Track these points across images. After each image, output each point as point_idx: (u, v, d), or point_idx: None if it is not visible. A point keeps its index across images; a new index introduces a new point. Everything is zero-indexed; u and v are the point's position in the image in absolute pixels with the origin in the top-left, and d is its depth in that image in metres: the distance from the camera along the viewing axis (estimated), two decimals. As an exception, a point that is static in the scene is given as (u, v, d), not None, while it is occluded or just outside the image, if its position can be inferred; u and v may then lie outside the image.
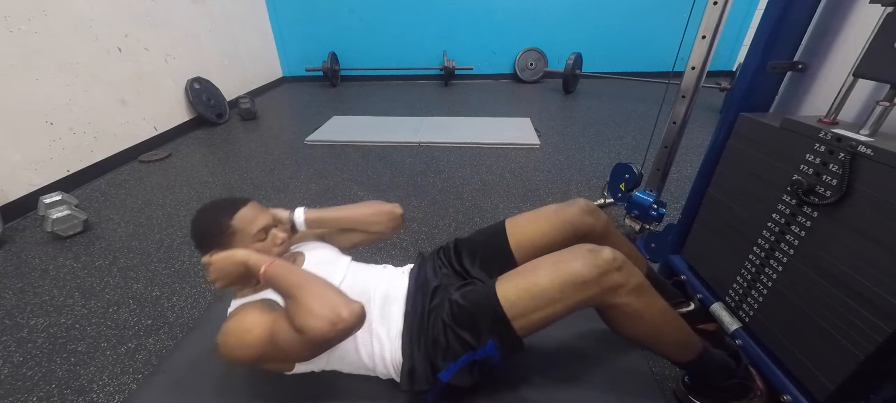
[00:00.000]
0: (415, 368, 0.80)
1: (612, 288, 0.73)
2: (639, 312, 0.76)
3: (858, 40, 0.78)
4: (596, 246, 0.76)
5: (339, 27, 4.63)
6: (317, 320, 0.64)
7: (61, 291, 1.47)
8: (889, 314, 0.68)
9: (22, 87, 1.99)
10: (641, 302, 0.76)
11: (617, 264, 0.73)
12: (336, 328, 0.63)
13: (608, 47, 4.56)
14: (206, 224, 0.82)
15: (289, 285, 0.70)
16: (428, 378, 0.79)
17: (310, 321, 0.64)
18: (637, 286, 0.75)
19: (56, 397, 1.08)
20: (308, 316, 0.64)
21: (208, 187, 2.27)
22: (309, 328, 0.64)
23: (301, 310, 0.65)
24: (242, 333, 0.73)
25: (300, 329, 0.65)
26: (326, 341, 0.66)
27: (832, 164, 0.76)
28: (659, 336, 0.81)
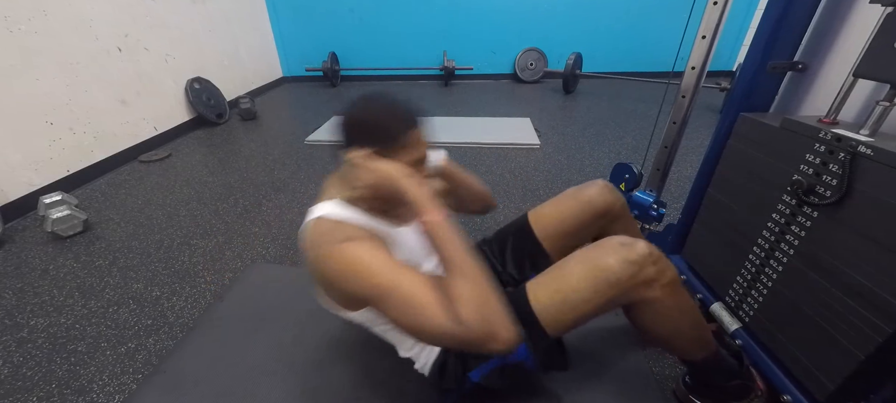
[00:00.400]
0: (447, 364, 0.78)
1: (646, 282, 0.71)
2: (669, 308, 0.75)
3: (858, 40, 0.78)
4: (628, 239, 0.74)
5: (339, 27, 4.62)
6: (479, 320, 0.55)
7: (61, 291, 1.47)
8: (889, 314, 0.68)
9: (22, 87, 1.99)
10: (673, 298, 0.75)
11: (653, 258, 0.71)
12: (490, 342, 0.56)
13: (608, 47, 4.56)
14: (383, 120, 0.68)
15: (461, 258, 0.60)
16: (457, 377, 0.78)
17: (471, 315, 0.55)
18: (671, 280, 0.74)
19: (56, 397, 1.08)
20: (471, 308, 0.56)
21: (208, 187, 2.27)
22: (466, 321, 0.55)
23: (466, 298, 0.56)
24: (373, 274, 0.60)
25: (457, 317, 0.55)
26: (470, 345, 0.57)
27: (832, 164, 0.76)
28: (680, 332, 0.80)
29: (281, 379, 0.99)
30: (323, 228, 0.67)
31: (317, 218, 0.70)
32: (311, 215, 0.72)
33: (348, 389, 0.96)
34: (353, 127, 0.68)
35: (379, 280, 0.60)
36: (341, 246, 0.63)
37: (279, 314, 1.20)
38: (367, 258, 0.61)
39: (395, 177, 0.65)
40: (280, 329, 1.14)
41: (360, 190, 0.68)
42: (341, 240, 0.64)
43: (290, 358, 1.05)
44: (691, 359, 0.87)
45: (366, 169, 0.66)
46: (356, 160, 0.67)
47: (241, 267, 1.57)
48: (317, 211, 0.72)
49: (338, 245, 0.63)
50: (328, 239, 0.65)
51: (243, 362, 1.05)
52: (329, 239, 0.64)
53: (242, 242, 1.74)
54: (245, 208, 2.03)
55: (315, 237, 0.67)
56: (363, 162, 0.66)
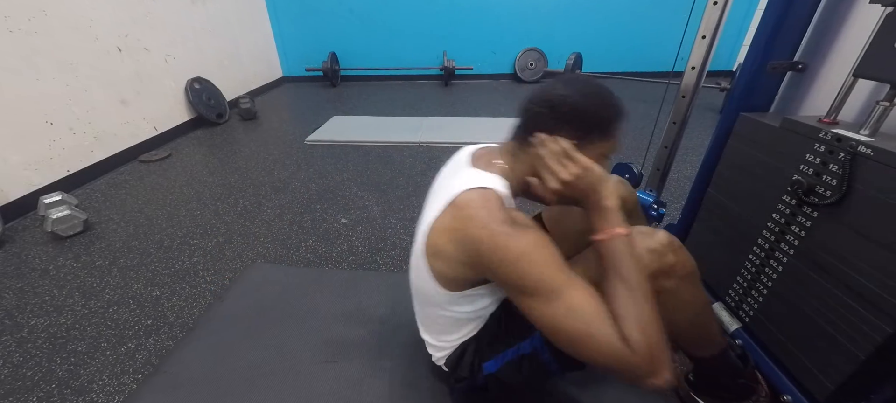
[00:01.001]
0: (465, 353, 0.77)
1: (665, 270, 0.70)
2: (685, 299, 0.74)
3: (858, 40, 0.78)
4: (648, 229, 0.72)
5: (339, 27, 4.62)
6: (645, 346, 0.51)
7: (61, 291, 1.47)
8: (889, 314, 0.68)
9: (22, 87, 1.99)
10: (689, 290, 0.74)
11: (673, 247, 0.70)
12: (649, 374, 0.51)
13: (608, 47, 4.56)
14: (597, 106, 0.61)
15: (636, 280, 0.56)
16: (472, 369, 0.77)
17: (638, 338, 0.51)
18: (689, 272, 0.73)
19: (56, 397, 1.08)
20: (636, 330, 0.51)
21: (208, 187, 2.27)
22: (632, 342, 0.51)
23: (633, 319, 0.52)
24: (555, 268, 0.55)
25: (624, 336, 0.51)
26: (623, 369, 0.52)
27: (832, 164, 0.76)
28: (693, 326, 0.80)
29: (281, 379, 0.99)
30: (493, 203, 0.60)
31: (486, 189, 0.62)
32: (475, 181, 0.64)
33: (349, 389, 0.96)
34: (560, 111, 0.61)
35: (555, 277, 0.55)
36: (517, 230, 0.57)
37: (279, 314, 1.20)
38: (544, 251, 0.56)
39: (600, 177, 0.59)
40: (280, 329, 1.14)
41: (554, 183, 0.60)
42: (514, 224, 0.57)
43: (290, 358, 1.05)
44: (700, 355, 0.87)
45: (574, 161, 0.59)
46: (562, 150, 0.60)
47: (241, 267, 1.57)
48: (479, 179, 0.64)
49: (513, 227, 0.57)
50: (500, 217, 0.58)
51: (243, 362, 1.04)
52: (502, 217, 0.58)
53: (242, 242, 1.74)
54: (245, 208, 2.03)
55: (483, 208, 0.59)
56: (572, 153, 0.60)
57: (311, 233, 1.80)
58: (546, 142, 0.61)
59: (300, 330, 1.13)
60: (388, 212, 1.96)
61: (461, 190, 0.62)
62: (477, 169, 0.68)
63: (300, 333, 1.12)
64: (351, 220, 1.90)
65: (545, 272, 0.55)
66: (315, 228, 1.84)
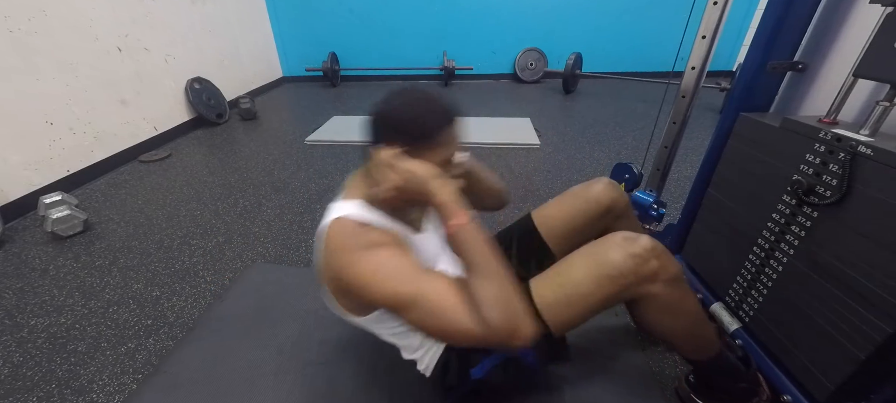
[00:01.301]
0: (450, 361, 0.78)
1: (648, 276, 0.71)
2: (671, 304, 0.75)
3: (858, 40, 0.78)
4: (632, 234, 0.74)
5: (339, 27, 4.62)
6: (503, 320, 0.56)
7: (61, 291, 1.47)
8: (889, 314, 0.68)
9: (22, 87, 1.99)
10: (675, 294, 0.75)
11: (656, 252, 0.72)
12: (513, 338, 0.57)
13: (608, 47, 4.56)
14: (416, 117, 0.64)
15: (485, 261, 0.60)
16: (459, 375, 0.78)
17: (495, 316, 0.56)
18: (674, 276, 0.74)
19: (56, 397, 1.08)
20: (496, 309, 0.56)
21: (208, 187, 2.27)
22: (490, 322, 0.55)
23: (490, 300, 0.57)
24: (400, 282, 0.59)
25: (483, 319, 0.56)
26: (496, 344, 0.58)
27: (832, 164, 0.76)
28: (684, 329, 0.80)
29: (281, 379, 0.99)
30: (345, 231, 0.64)
31: (337, 219, 0.66)
32: (331, 214, 0.68)
33: (349, 389, 0.96)
34: (386, 122, 0.65)
35: (405, 288, 0.59)
36: (365, 254, 0.61)
37: (279, 314, 1.20)
38: (392, 266, 0.60)
39: (425, 178, 0.62)
40: (280, 329, 1.14)
41: (385, 190, 0.64)
42: (365, 246, 0.62)
43: (290, 358, 1.05)
44: (694, 358, 0.87)
45: (395, 168, 0.63)
46: (386, 158, 0.63)
47: (241, 267, 1.57)
48: (337, 210, 0.68)
49: (361, 251, 0.61)
50: (350, 245, 0.62)
51: (243, 362, 1.05)
52: (351, 245, 0.62)
53: (242, 242, 1.74)
54: (245, 208, 2.03)
55: (337, 240, 0.64)
56: (393, 160, 0.63)
57: (311, 233, 1.80)
58: (373, 154, 0.66)
59: (300, 330, 1.13)
60: (388, 212, 1.95)
61: (322, 226, 0.68)
62: (340, 199, 0.72)
63: (300, 333, 1.12)
64: (351, 220, 1.89)
65: (398, 286, 0.59)
66: (315, 228, 1.83)
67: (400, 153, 0.63)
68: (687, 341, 0.83)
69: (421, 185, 0.63)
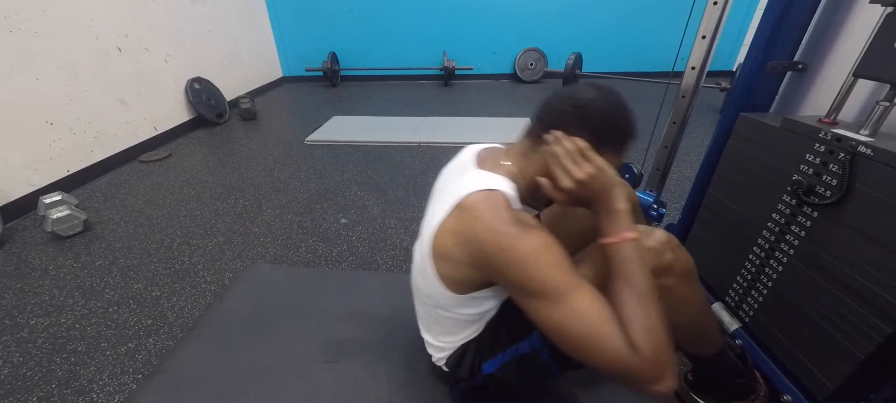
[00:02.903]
0: (465, 355, 0.78)
1: (663, 268, 0.70)
2: (682, 298, 0.74)
3: (858, 40, 0.78)
4: (647, 228, 0.73)
5: (339, 27, 4.62)
6: (651, 352, 0.50)
7: (61, 291, 1.47)
8: (889, 314, 0.68)
9: (22, 87, 1.99)
10: (687, 288, 0.74)
11: (671, 245, 0.71)
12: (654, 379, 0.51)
13: (608, 47, 4.56)
14: (621, 119, 0.62)
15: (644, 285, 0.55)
16: (471, 369, 0.77)
17: (644, 343, 0.50)
18: (687, 270, 0.73)
19: (56, 397, 1.08)
20: (645, 336, 0.51)
21: (208, 187, 2.27)
22: (639, 347, 0.50)
23: (640, 324, 0.52)
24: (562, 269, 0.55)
25: (630, 341, 0.51)
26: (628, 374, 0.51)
27: (832, 164, 0.76)
28: (692, 325, 0.80)
29: (281, 379, 0.99)
30: (500, 204, 0.59)
31: (493, 191, 0.61)
32: (481, 183, 0.63)
33: (349, 389, 0.96)
34: (584, 114, 0.60)
35: (561, 279, 0.54)
36: (529, 231, 0.56)
37: (279, 314, 1.20)
38: (554, 253, 0.56)
39: (614, 180, 0.59)
40: (280, 329, 1.14)
41: (569, 181, 0.59)
42: (525, 225, 0.57)
43: (290, 358, 1.04)
44: (699, 354, 0.87)
45: (589, 161, 0.59)
46: (578, 148, 0.59)
47: (241, 267, 1.57)
48: (489, 181, 0.63)
49: (522, 227, 0.56)
50: (508, 218, 0.57)
51: (243, 362, 1.04)
52: (510, 218, 0.57)
53: (242, 242, 1.74)
54: (245, 208, 2.03)
55: (491, 209, 0.59)
56: (588, 153, 0.59)
57: (311, 233, 1.80)
58: (562, 140, 0.60)
59: (300, 330, 1.13)
60: (388, 212, 1.96)
61: (467, 192, 0.62)
62: (483, 170, 0.67)
63: (300, 333, 1.12)
64: (351, 220, 1.90)
65: (551, 274, 0.54)
66: (315, 228, 1.84)
67: (588, 145, 0.59)
68: (692, 336, 0.83)
69: (607, 186, 0.59)
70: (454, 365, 0.79)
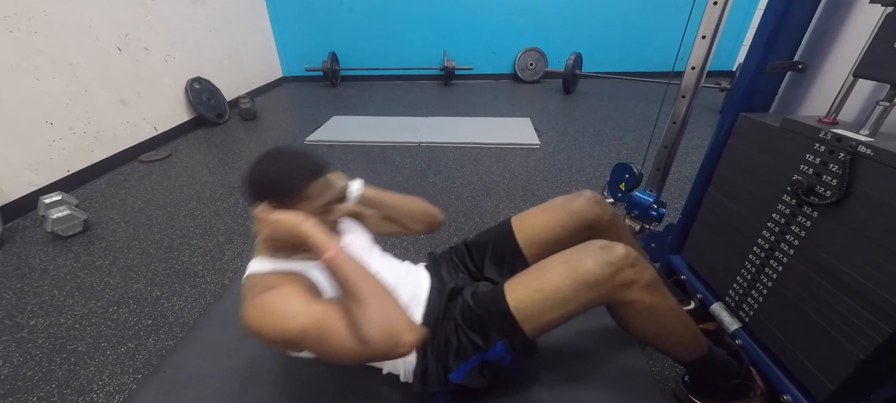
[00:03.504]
0: (427, 369, 0.79)
1: (625, 284, 0.72)
2: (650, 309, 0.75)
3: (858, 40, 0.78)
4: (608, 243, 0.75)
5: (339, 27, 4.63)
6: (381, 336, 0.61)
7: (61, 291, 1.47)
8: (889, 314, 0.68)
9: (22, 87, 1.99)
10: (654, 299, 0.75)
11: (630, 260, 0.72)
12: (396, 350, 0.62)
13: (608, 47, 4.56)
14: (278, 177, 0.71)
15: (356, 285, 0.65)
16: (440, 379, 0.78)
17: (373, 334, 0.61)
18: (650, 282, 0.75)
19: (56, 397, 1.08)
20: (372, 327, 0.61)
21: (208, 187, 2.27)
22: (369, 341, 0.61)
23: (366, 320, 0.62)
24: (285, 319, 0.64)
25: (361, 339, 0.61)
26: (380, 358, 0.63)
27: (832, 164, 0.76)
28: (668, 333, 0.80)
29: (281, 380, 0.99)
30: (248, 284, 0.71)
31: (246, 276, 0.74)
32: (245, 274, 0.75)
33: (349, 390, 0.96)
34: (252, 185, 0.73)
35: (291, 324, 0.63)
36: (256, 299, 0.67)
37: (279, 314, 1.20)
38: (280, 305, 0.65)
39: (291, 224, 0.69)
40: (280, 329, 1.14)
41: (261, 240, 0.74)
42: (258, 292, 0.68)
43: (289, 359, 1.05)
44: (683, 359, 0.87)
45: (264, 221, 0.71)
46: (257, 214, 0.72)
47: (241, 267, 1.57)
48: (248, 268, 0.76)
49: (253, 298, 0.67)
50: (250, 294, 0.68)
51: (243, 362, 1.04)
52: (251, 294, 0.68)
53: (242, 242, 1.74)
54: (245, 208, 2.03)
55: (243, 294, 0.71)
56: (262, 215, 0.71)
57: (311, 233, 1.80)
58: (252, 212, 0.73)
59: (300, 330, 1.13)
60: (388, 212, 1.96)
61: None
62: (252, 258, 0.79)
63: (300, 333, 1.12)
64: (351, 220, 1.89)
65: (285, 323, 0.63)
66: (315, 228, 1.84)
67: (267, 207, 0.71)
68: (671, 343, 0.83)
69: (289, 231, 0.69)
70: (421, 380, 0.80)
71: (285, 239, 0.72)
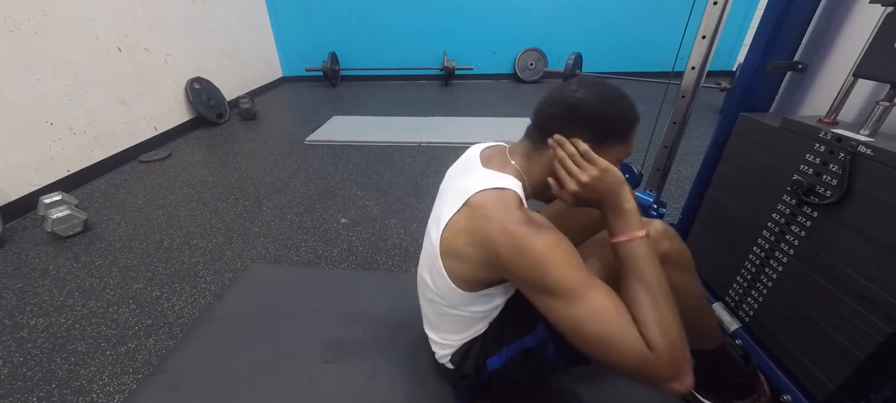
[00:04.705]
0: (470, 350, 0.77)
1: (660, 257, 0.67)
2: (679, 287, 0.73)
3: (858, 40, 0.78)
4: (645, 218, 0.72)
5: (339, 27, 4.62)
6: (665, 348, 0.50)
7: (61, 291, 1.47)
8: (889, 314, 0.68)
9: (22, 87, 1.99)
10: (684, 278, 0.75)
11: (668, 235, 0.73)
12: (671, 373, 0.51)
13: (608, 47, 4.56)
14: (618, 112, 0.61)
15: (657, 283, 0.55)
16: (476, 365, 0.76)
17: (659, 341, 0.50)
18: (684, 261, 0.75)
19: (56, 397, 1.08)
20: (659, 334, 0.51)
21: (208, 187, 2.27)
22: (653, 343, 0.50)
23: (657, 322, 0.52)
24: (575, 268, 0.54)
25: (646, 339, 0.51)
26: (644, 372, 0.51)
27: (832, 164, 0.76)
28: (691, 317, 0.79)
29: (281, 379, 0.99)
30: (512, 203, 0.59)
31: (503, 189, 0.62)
32: (490, 182, 0.63)
33: (349, 389, 0.96)
34: (580, 114, 0.60)
35: (575, 277, 0.54)
36: (541, 231, 0.56)
37: (279, 314, 1.20)
38: (567, 252, 0.56)
39: (619, 180, 0.58)
40: (280, 329, 1.14)
41: (574, 185, 0.59)
42: (541, 225, 0.57)
43: (289, 359, 1.05)
44: (698, 348, 0.87)
45: (596, 164, 0.58)
46: (581, 151, 0.59)
47: (241, 267, 1.57)
48: (498, 180, 0.63)
49: (536, 227, 0.56)
50: (521, 217, 0.57)
51: (243, 362, 1.04)
52: (522, 217, 0.57)
53: (242, 242, 1.74)
54: (245, 208, 2.03)
55: (502, 208, 0.59)
56: (591, 155, 0.58)
57: (311, 233, 1.80)
58: (563, 144, 0.60)
59: (300, 330, 1.13)
60: (388, 212, 1.96)
61: (476, 190, 0.62)
62: (489, 169, 0.67)
63: (300, 333, 1.12)
64: (351, 220, 1.90)
65: (566, 273, 0.54)
66: (315, 228, 1.84)
67: (593, 151, 0.59)
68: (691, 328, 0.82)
69: (613, 187, 0.58)
70: (459, 362, 0.79)
71: (597, 194, 0.59)
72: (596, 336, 0.53)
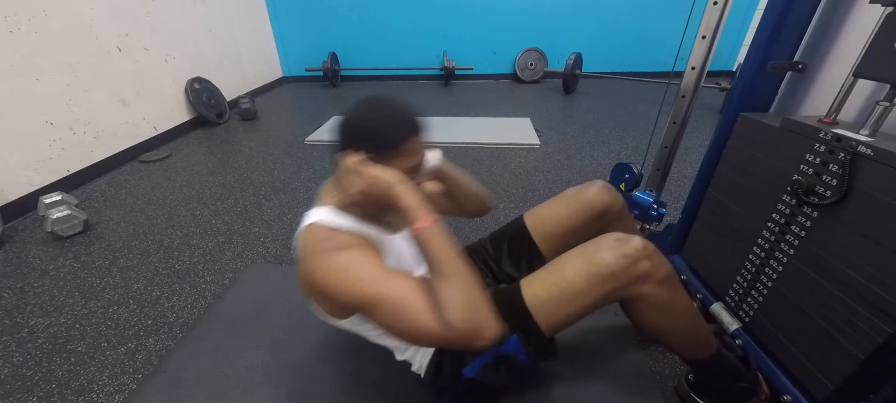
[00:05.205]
0: (442, 363, 0.79)
1: (641, 277, 0.72)
2: (664, 303, 0.75)
3: (858, 40, 0.78)
4: (623, 235, 0.75)
5: (339, 27, 4.62)
6: (465, 322, 0.57)
7: (61, 291, 1.47)
8: (889, 314, 0.68)
9: (22, 87, 1.99)
10: (668, 293, 0.75)
11: (647, 252, 0.73)
12: (475, 341, 0.58)
13: (608, 47, 4.56)
14: (384, 125, 0.66)
15: (447, 263, 0.61)
16: (452, 374, 0.78)
17: (457, 318, 0.57)
18: (665, 276, 0.74)
19: (56, 397, 1.08)
20: (457, 312, 0.57)
21: (208, 187, 2.27)
22: (452, 324, 0.56)
23: (452, 303, 0.57)
24: (362, 282, 0.60)
25: (444, 321, 0.57)
26: (456, 345, 0.59)
27: (832, 164, 0.76)
28: (681, 329, 0.80)
29: (280, 379, 0.99)
30: (315, 236, 0.67)
31: (309, 225, 0.69)
32: (305, 221, 0.71)
33: (348, 389, 0.96)
34: (351, 130, 0.67)
35: (369, 289, 0.60)
36: (331, 255, 0.63)
37: (279, 314, 1.20)
38: (356, 266, 0.62)
39: (388, 183, 0.64)
40: (279, 329, 1.14)
41: (351, 195, 0.66)
42: (332, 249, 0.63)
43: (289, 358, 1.05)
44: (691, 358, 0.87)
45: (359, 174, 0.65)
46: (350, 164, 0.65)
47: (241, 267, 1.57)
48: (310, 217, 0.71)
49: (328, 254, 0.63)
50: (319, 248, 0.64)
51: (243, 362, 1.05)
52: (320, 248, 0.64)
53: (242, 242, 1.74)
54: (245, 208, 2.03)
55: (307, 245, 0.67)
56: (357, 166, 0.65)
57: (311, 233, 1.80)
58: (339, 160, 0.68)
59: (300, 330, 1.13)
60: (388, 212, 1.96)
61: (297, 233, 0.71)
62: (315, 206, 0.74)
63: (300, 333, 1.12)
64: (351, 220, 1.89)
65: (363, 286, 0.60)
66: (315, 228, 1.84)
67: (365, 159, 0.65)
68: (682, 341, 0.83)
69: (385, 190, 0.64)
70: (433, 375, 0.80)
71: (376, 198, 0.65)
72: (404, 331, 0.61)
